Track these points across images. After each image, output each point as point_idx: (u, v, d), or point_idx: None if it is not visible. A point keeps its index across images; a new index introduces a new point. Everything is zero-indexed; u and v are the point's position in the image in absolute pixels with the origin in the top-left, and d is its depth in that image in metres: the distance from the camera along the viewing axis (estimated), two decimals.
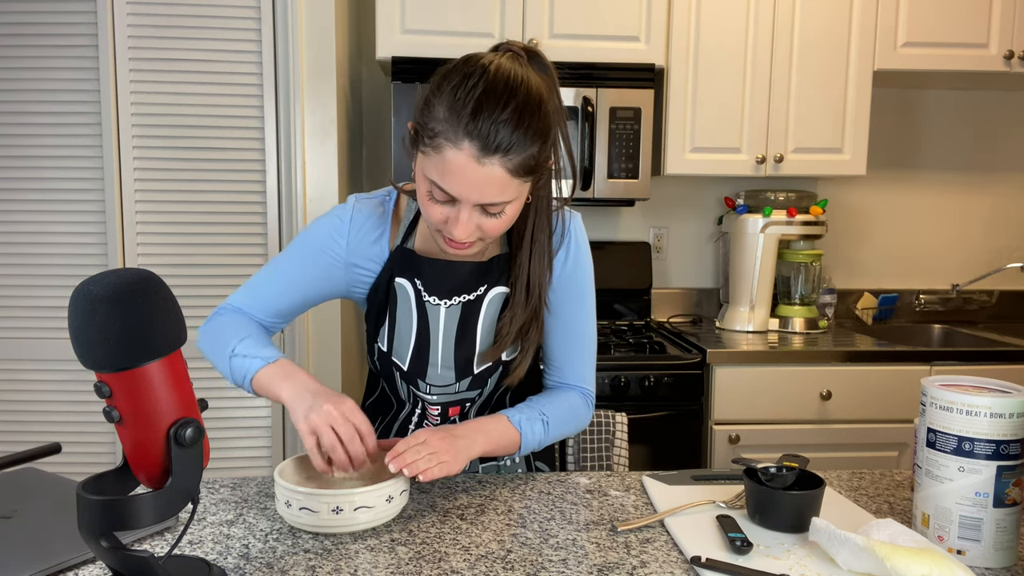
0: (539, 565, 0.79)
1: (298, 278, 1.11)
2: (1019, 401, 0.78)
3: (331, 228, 1.10)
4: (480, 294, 1.10)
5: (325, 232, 1.10)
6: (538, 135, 0.93)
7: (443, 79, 0.94)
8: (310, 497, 0.85)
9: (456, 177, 0.92)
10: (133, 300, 0.64)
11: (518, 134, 0.91)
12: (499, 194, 0.94)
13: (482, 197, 0.93)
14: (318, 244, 1.10)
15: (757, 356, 2.15)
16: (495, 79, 0.92)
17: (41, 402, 2.13)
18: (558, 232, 1.11)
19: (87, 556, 0.79)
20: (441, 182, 0.93)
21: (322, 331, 2.17)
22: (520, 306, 1.08)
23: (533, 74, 0.97)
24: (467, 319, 1.10)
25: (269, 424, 2.17)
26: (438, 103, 0.92)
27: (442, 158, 0.92)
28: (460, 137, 0.90)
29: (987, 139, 2.79)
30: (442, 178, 0.93)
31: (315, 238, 1.10)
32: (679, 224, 2.75)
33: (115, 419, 0.67)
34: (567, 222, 1.13)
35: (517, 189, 0.96)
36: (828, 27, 2.34)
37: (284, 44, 2.07)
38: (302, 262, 1.11)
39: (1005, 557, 0.80)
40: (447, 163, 0.92)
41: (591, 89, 2.24)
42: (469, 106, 0.90)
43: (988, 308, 2.81)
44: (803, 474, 0.90)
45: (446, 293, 1.10)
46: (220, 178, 2.10)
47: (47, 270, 2.10)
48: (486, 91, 0.90)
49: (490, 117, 0.89)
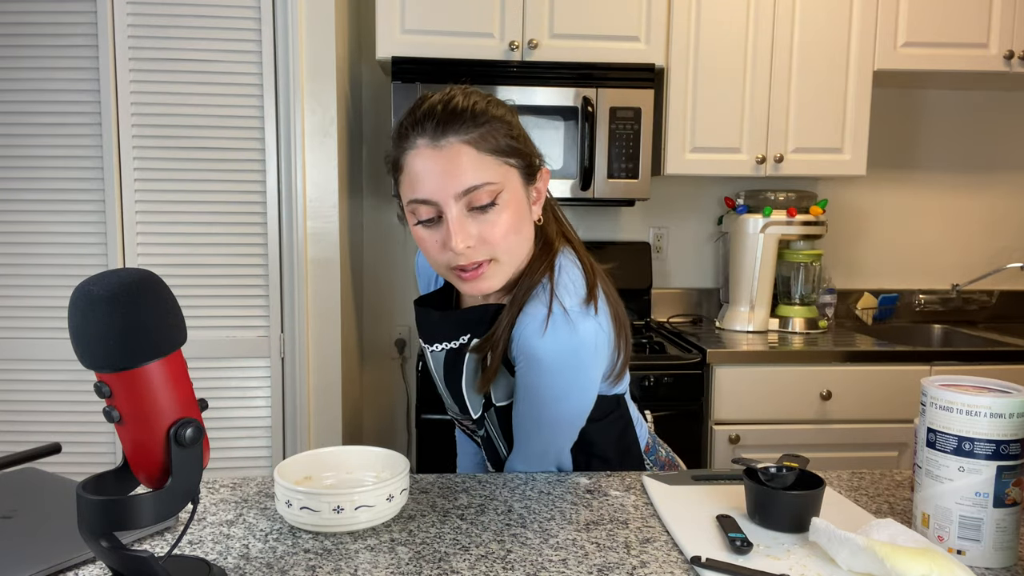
0: (539, 565, 0.79)
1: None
2: (1019, 401, 0.78)
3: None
4: (464, 342, 1.04)
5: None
6: (489, 109, 0.93)
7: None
8: (310, 496, 0.85)
9: (424, 174, 0.91)
10: (133, 300, 0.64)
11: (464, 108, 0.92)
12: (473, 172, 0.90)
13: (458, 182, 0.90)
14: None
15: (757, 356, 2.15)
16: (424, 98, 0.96)
17: (41, 402, 2.13)
18: (526, 313, 0.96)
19: (87, 556, 0.79)
20: (416, 192, 0.92)
21: (322, 331, 2.17)
22: (476, 348, 1.01)
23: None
24: (452, 366, 1.06)
25: (269, 424, 2.17)
26: (392, 140, 0.97)
27: (408, 169, 0.93)
28: (412, 140, 0.92)
29: (987, 139, 2.79)
30: (414, 187, 0.92)
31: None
32: (679, 224, 2.75)
33: (115, 419, 0.67)
34: (529, 313, 0.95)
35: (496, 170, 0.92)
36: (828, 27, 2.34)
37: (284, 44, 2.07)
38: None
39: (1005, 557, 0.80)
40: (411, 168, 0.92)
41: (591, 89, 2.24)
42: (411, 117, 0.94)
43: (988, 308, 2.81)
44: (803, 474, 0.90)
45: (430, 339, 1.08)
46: (220, 178, 2.10)
47: (47, 270, 2.10)
48: (419, 103, 0.95)
49: (431, 110, 0.92)
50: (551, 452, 1.05)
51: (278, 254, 2.13)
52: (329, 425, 2.19)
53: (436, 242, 0.94)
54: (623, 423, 1.15)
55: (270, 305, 2.14)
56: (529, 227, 1.00)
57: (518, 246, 0.97)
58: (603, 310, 1.00)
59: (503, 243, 0.94)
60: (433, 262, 0.97)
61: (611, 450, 1.11)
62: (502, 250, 0.95)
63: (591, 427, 1.07)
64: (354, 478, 0.99)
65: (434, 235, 0.94)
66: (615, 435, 1.13)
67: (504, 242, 0.94)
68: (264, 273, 2.14)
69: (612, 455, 1.11)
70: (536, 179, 1.01)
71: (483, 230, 0.93)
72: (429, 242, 0.95)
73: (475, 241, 0.93)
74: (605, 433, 1.10)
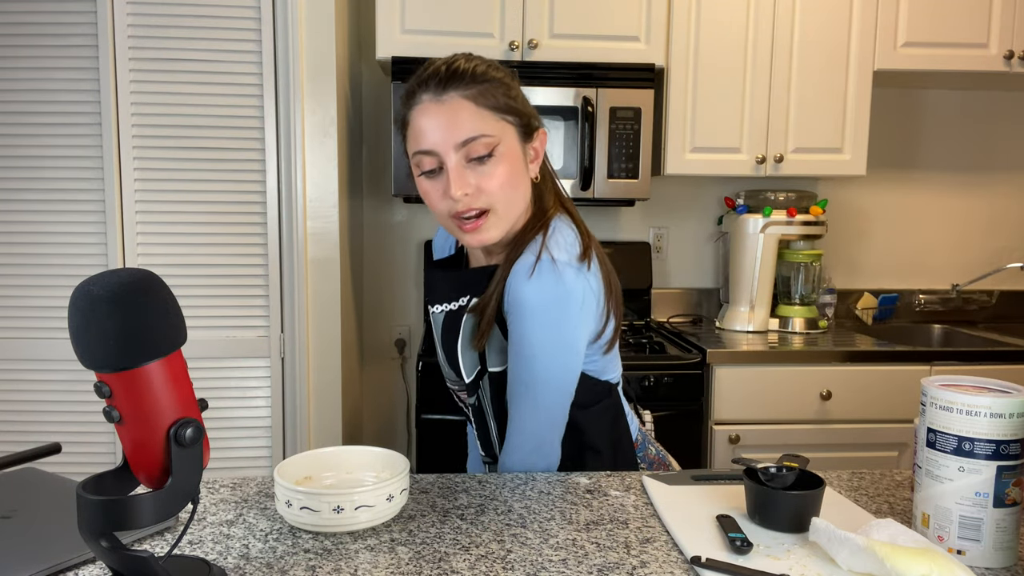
0: (539, 565, 0.79)
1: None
2: (1019, 401, 0.78)
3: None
4: (463, 304, 1.08)
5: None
6: (488, 72, 1.00)
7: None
8: (310, 496, 0.85)
9: (427, 126, 0.98)
10: (133, 300, 0.64)
11: (464, 69, 0.99)
12: (471, 125, 0.97)
13: (457, 133, 0.97)
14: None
15: (757, 356, 2.15)
16: (429, 62, 1.03)
17: (41, 402, 2.13)
18: (527, 252, 1.01)
19: (87, 556, 0.79)
20: (419, 144, 0.99)
21: (322, 331, 2.17)
22: (472, 309, 1.06)
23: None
24: (449, 327, 1.10)
25: (269, 424, 2.17)
26: (401, 100, 1.05)
27: (413, 123, 1.00)
28: (416, 97, 1.00)
29: (987, 139, 2.79)
30: (418, 139, 0.99)
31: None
32: (679, 224, 2.75)
33: (115, 419, 0.67)
34: (520, 260, 1.00)
35: (493, 124, 0.99)
36: (828, 27, 2.34)
37: (284, 44, 2.07)
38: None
39: (1005, 557, 0.80)
40: (416, 122, 1.00)
41: (591, 89, 2.24)
42: (418, 78, 1.01)
43: (988, 308, 2.81)
44: (803, 474, 0.90)
45: (435, 300, 1.13)
46: (220, 178, 2.10)
47: (47, 270, 2.10)
48: (425, 67, 1.03)
49: (435, 69, 1.00)
50: (542, 433, 1.05)
51: (278, 254, 2.13)
52: (329, 425, 2.19)
53: (438, 191, 1.00)
54: (614, 411, 1.15)
55: (270, 305, 2.14)
56: (525, 183, 1.05)
57: (514, 200, 1.03)
58: (595, 270, 1.03)
59: (499, 194, 1.00)
60: (436, 213, 1.03)
61: (602, 440, 1.12)
62: (498, 200, 1.01)
63: (582, 414, 1.09)
64: (354, 478, 0.99)
65: (436, 185, 1.01)
66: (607, 424, 1.13)
67: (500, 192, 1.00)
68: (264, 273, 2.14)
69: (603, 445, 1.12)
70: (533, 139, 1.06)
71: (481, 180, 0.99)
72: (432, 192, 1.01)
73: (473, 190, 0.99)
74: (597, 421, 1.11)
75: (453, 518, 0.92)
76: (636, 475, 1.08)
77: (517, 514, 0.93)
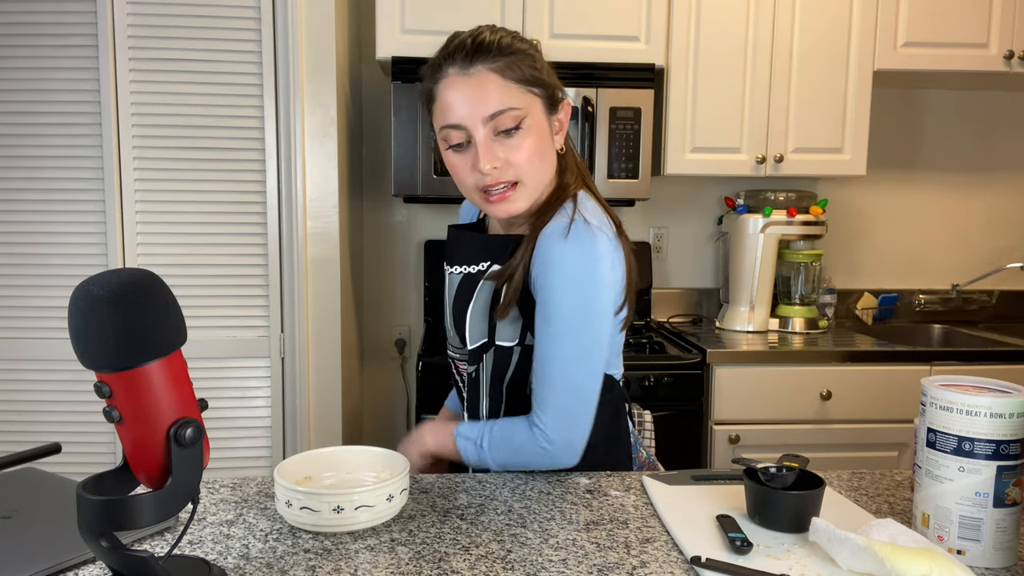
0: (539, 565, 0.79)
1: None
2: (1019, 401, 0.78)
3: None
4: (482, 268, 1.09)
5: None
6: (514, 44, 1.00)
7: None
8: (310, 496, 0.85)
9: (454, 100, 0.98)
10: (133, 300, 0.64)
11: (491, 41, 0.99)
12: (499, 98, 0.97)
13: (485, 106, 0.97)
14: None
15: (757, 356, 2.15)
16: (456, 35, 1.03)
17: (41, 402, 2.13)
18: (547, 226, 1.02)
19: (87, 556, 0.79)
20: (447, 118, 0.99)
21: (322, 331, 2.17)
22: (495, 275, 1.06)
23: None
24: (464, 290, 1.10)
25: (269, 424, 2.17)
26: (426, 74, 1.05)
27: (440, 97, 1.00)
28: (443, 71, 1.00)
29: (987, 139, 2.79)
30: (445, 113, 0.99)
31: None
32: (679, 224, 2.75)
33: (115, 419, 0.67)
34: (551, 224, 1.01)
35: (520, 97, 0.99)
36: (828, 27, 2.34)
37: (284, 44, 2.07)
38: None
39: (1005, 557, 0.80)
40: (443, 96, 1.00)
41: (591, 89, 2.24)
42: (444, 51, 1.01)
43: (988, 308, 2.81)
44: (803, 474, 0.90)
45: (454, 260, 1.14)
46: (220, 178, 2.10)
47: (47, 270, 2.10)
48: (451, 40, 1.02)
49: (462, 44, 1.00)
50: (571, 405, 1.01)
51: (278, 254, 2.13)
52: (329, 425, 2.19)
53: (466, 165, 1.01)
54: (614, 407, 1.15)
55: (270, 305, 2.14)
56: (552, 155, 1.06)
57: (541, 171, 1.03)
58: (620, 244, 1.06)
59: (527, 166, 1.00)
60: (463, 186, 1.04)
61: (600, 434, 1.11)
62: (526, 172, 1.01)
63: None
64: (354, 478, 0.99)
65: (464, 159, 1.01)
66: (607, 418, 1.13)
67: (528, 164, 1.00)
68: (264, 273, 2.14)
69: (600, 440, 1.11)
70: (558, 110, 1.06)
71: (508, 153, 1.00)
72: (460, 166, 1.02)
73: (501, 163, 1.00)
74: (598, 415, 1.09)
75: (453, 518, 0.92)
76: (636, 475, 1.08)
77: (517, 514, 0.93)
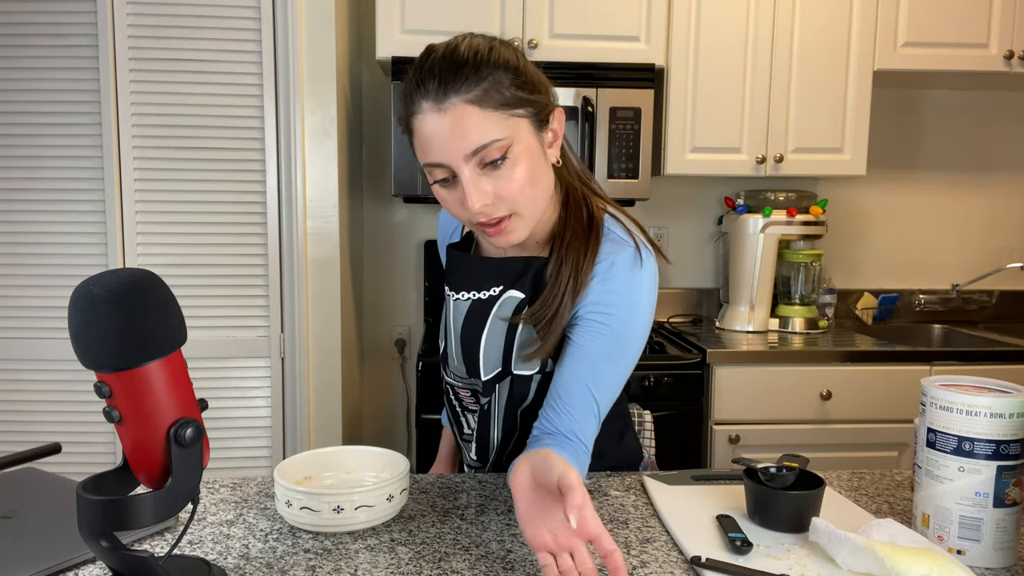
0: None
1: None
2: (1019, 401, 0.78)
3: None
4: (494, 294, 1.03)
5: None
6: (491, 62, 0.90)
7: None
8: (310, 496, 0.85)
9: (433, 138, 0.89)
10: (133, 300, 0.64)
11: (466, 67, 0.88)
12: (479, 132, 0.88)
13: (466, 143, 0.88)
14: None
15: (757, 356, 2.15)
16: (429, 50, 0.93)
17: (41, 402, 2.13)
18: (605, 258, 0.98)
19: (87, 556, 0.79)
20: (428, 155, 0.91)
21: (322, 331, 2.17)
22: (531, 317, 0.99)
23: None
24: (475, 317, 1.04)
25: (269, 424, 2.17)
26: (401, 97, 0.95)
27: (417, 133, 0.91)
28: (417, 104, 0.91)
29: (987, 139, 2.79)
30: (426, 150, 0.91)
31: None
32: (679, 224, 2.75)
33: (115, 419, 0.67)
34: (614, 253, 0.98)
35: (503, 125, 0.89)
36: (828, 27, 2.34)
37: (284, 44, 2.07)
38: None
39: (1005, 557, 0.80)
40: (420, 132, 0.91)
41: (591, 89, 2.24)
42: (416, 74, 0.91)
43: (988, 308, 2.81)
44: (803, 474, 0.90)
45: (458, 286, 1.07)
46: (220, 178, 2.10)
47: (47, 270, 2.10)
48: (423, 58, 0.92)
49: (431, 69, 0.89)
50: (606, 409, 0.99)
51: (278, 254, 2.13)
52: (329, 425, 2.19)
53: (455, 201, 0.93)
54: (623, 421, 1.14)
55: (270, 305, 2.14)
56: (547, 175, 0.97)
57: (537, 197, 0.95)
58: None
59: (520, 197, 0.92)
60: (457, 218, 0.97)
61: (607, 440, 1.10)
62: (520, 204, 0.93)
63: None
64: (354, 478, 0.99)
65: (452, 194, 0.93)
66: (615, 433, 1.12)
67: (521, 196, 0.92)
68: (264, 273, 2.14)
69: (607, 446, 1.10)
70: (550, 121, 0.97)
71: (498, 186, 0.91)
72: (449, 201, 0.94)
73: (492, 199, 0.91)
74: (608, 427, 1.06)
75: (453, 518, 0.92)
76: (636, 475, 1.08)
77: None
